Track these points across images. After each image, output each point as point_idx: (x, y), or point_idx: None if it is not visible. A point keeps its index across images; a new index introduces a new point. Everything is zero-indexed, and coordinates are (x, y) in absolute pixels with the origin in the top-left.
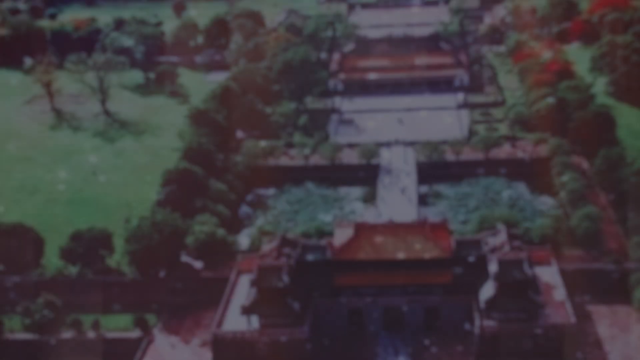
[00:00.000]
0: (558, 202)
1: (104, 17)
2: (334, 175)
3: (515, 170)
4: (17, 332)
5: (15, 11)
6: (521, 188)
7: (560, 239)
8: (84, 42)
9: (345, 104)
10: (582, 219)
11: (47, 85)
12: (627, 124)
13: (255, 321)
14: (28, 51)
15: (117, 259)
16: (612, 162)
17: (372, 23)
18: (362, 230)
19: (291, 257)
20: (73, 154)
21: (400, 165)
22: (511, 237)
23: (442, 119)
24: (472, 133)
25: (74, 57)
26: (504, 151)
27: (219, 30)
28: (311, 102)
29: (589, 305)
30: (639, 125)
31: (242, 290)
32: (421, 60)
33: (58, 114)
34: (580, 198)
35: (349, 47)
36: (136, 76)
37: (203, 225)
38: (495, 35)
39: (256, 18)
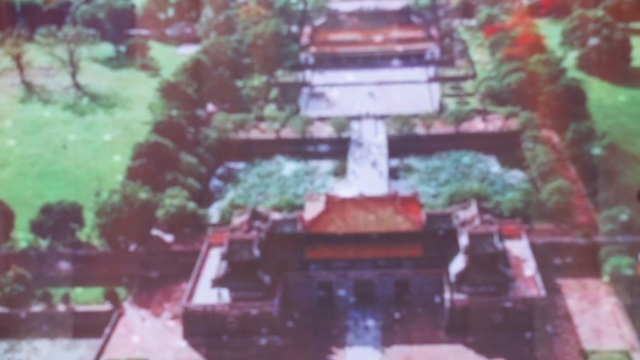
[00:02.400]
0: (528, 175)
1: None
2: (305, 148)
3: (486, 144)
4: None
5: None
6: (491, 162)
7: (531, 212)
8: (54, 14)
9: (316, 78)
10: (552, 192)
11: (17, 58)
12: (598, 98)
13: (225, 294)
14: None
15: (88, 232)
16: (582, 136)
17: None
18: (333, 203)
19: (262, 231)
20: (43, 127)
21: (371, 139)
22: (481, 210)
23: (413, 93)
24: (442, 107)
25: (44, 29)
26: (475, 125)
27: (190, 3)
28: (282, 76)
29: (559, 279)
30: (609, 100)
31: (213, 264)
32: (392, 33)
33: (28, 86)
34: (550, 172)
35: (320, 20)
36: (106, 49)
37: (173, 199)
38: (466, 9)
39: None
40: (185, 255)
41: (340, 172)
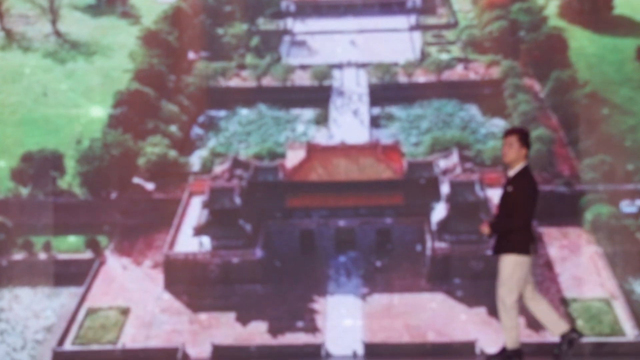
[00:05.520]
0: (510, 124)
1: None
2: (286, 96)
3: (468, 92)
4: None
5: None
6: (473, 110)
7: None
8: None
9: (297, 26)
10: (534, 140)
11: None
12: (579, 47)
13: (207, 243)
14: None
15: (69, 181)
16: (563, 85)
17: None
18: (314, 151)
19: (243, 179)
20: (23, 75)
21: (353, 87)
22: (463, 159)
23: (394, 41)
24: (424, 55)
25: None
26: (456, 73)
27: None
28: (263, 24)
29: (540, 227)
30: (590, 48)
31: (194, 212)
32: None
33: (8, 34)
34: (531, 120)
35: None
36: None
37: (154, 147)
38: None
39: None
40: (166, 203)
41: (321, 121)
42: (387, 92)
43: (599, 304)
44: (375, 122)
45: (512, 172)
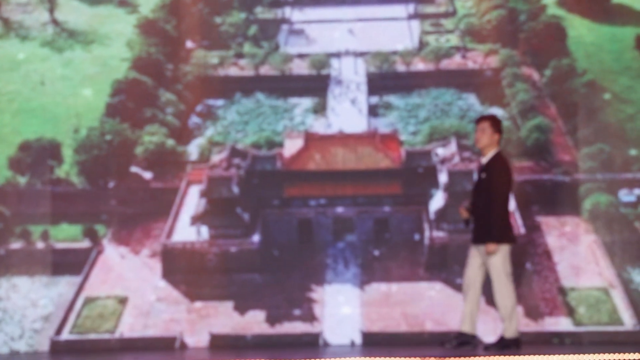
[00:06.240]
0: (508, 113)
1: None
2: (284, 85)
3: (466, 81)
4: None
5: None
6: (471, 99)
7: (510, 150)
8: None
9: (295, 14)
10: (532, 130)
11: None
12: (578, 35)
13: (204, 232)
14: None
15: (66, 169)
16: (562, 73)
17: None
18: (312, 140)
19: (241, 168)
20: (21, 64)
21: (351, 76)
22: (461, 148)
23: (392, 30)
24: (422, 44)
25: None
26: (455, 62)
27: None
28: (261, 12)
29: (538, 216)
30: (589, 37)
31: (192, 201)
32: None
33: (5, 22)
34: (530, 109)
35: None
36: None
37: (152, 136)
38: None
39: None
40: (164, 192)
41: (319, 110)
42: (385, 81)
43: (597, 293)
44: (373, 111)
45: (485, 159)
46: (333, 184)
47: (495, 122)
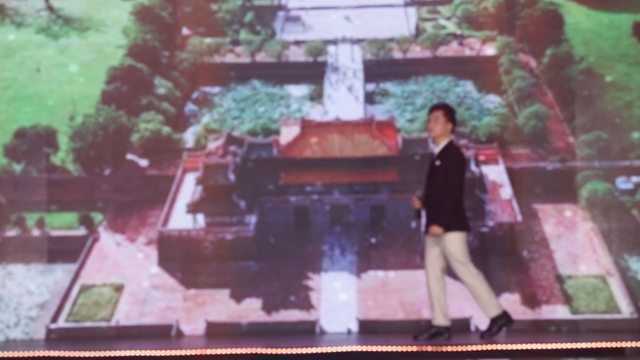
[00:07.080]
0: (505, 100)
1: None
2: (281, 72)
3: (463, 68)
4: None
5: None
6: (468, 86)
7: (507, 137)
8: None
9: (291, 1)
10: (529, 117)
11: None
12: (575, 22)
13: (201, 219)
14: None
15: (62, 157)
16: (559, 60)
17: None
18: (309, 128)
19: (237, 155)
20: (16, 51)
21: (347, 63)
22: (458, 135)
23: (389, 16)
24: (419, 31)
25: None
26: (452, 49)
27: None
28: None
29: (535, 204)
30: (586, 24)
31: (188, 189)
32: None
33: (0, 9)
34: (527, 96)
35: None
36: None
37: (148, 123)
38: None
39: None
40: (160, 179)
41: (316, 97)
42: (382, 68)
43: (594, 281)
44: (370, 98)
45: (437, 149)
46: (330, 171)
47: (448, 111)
